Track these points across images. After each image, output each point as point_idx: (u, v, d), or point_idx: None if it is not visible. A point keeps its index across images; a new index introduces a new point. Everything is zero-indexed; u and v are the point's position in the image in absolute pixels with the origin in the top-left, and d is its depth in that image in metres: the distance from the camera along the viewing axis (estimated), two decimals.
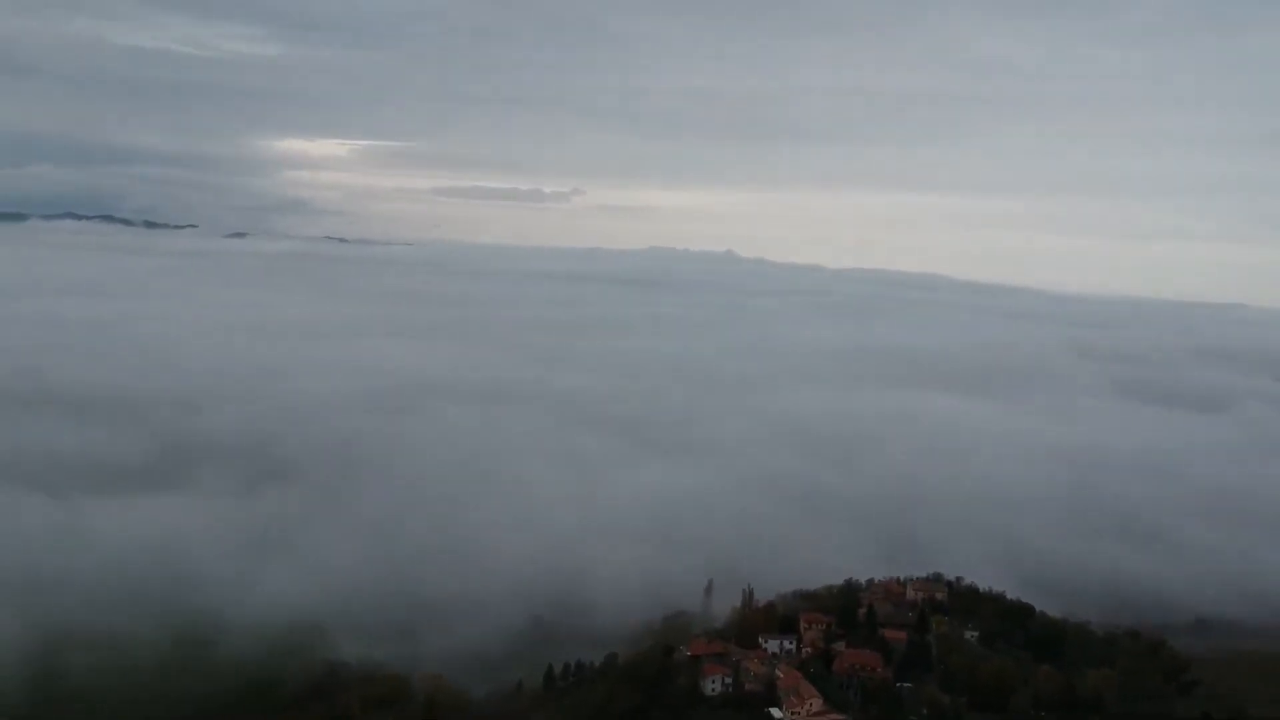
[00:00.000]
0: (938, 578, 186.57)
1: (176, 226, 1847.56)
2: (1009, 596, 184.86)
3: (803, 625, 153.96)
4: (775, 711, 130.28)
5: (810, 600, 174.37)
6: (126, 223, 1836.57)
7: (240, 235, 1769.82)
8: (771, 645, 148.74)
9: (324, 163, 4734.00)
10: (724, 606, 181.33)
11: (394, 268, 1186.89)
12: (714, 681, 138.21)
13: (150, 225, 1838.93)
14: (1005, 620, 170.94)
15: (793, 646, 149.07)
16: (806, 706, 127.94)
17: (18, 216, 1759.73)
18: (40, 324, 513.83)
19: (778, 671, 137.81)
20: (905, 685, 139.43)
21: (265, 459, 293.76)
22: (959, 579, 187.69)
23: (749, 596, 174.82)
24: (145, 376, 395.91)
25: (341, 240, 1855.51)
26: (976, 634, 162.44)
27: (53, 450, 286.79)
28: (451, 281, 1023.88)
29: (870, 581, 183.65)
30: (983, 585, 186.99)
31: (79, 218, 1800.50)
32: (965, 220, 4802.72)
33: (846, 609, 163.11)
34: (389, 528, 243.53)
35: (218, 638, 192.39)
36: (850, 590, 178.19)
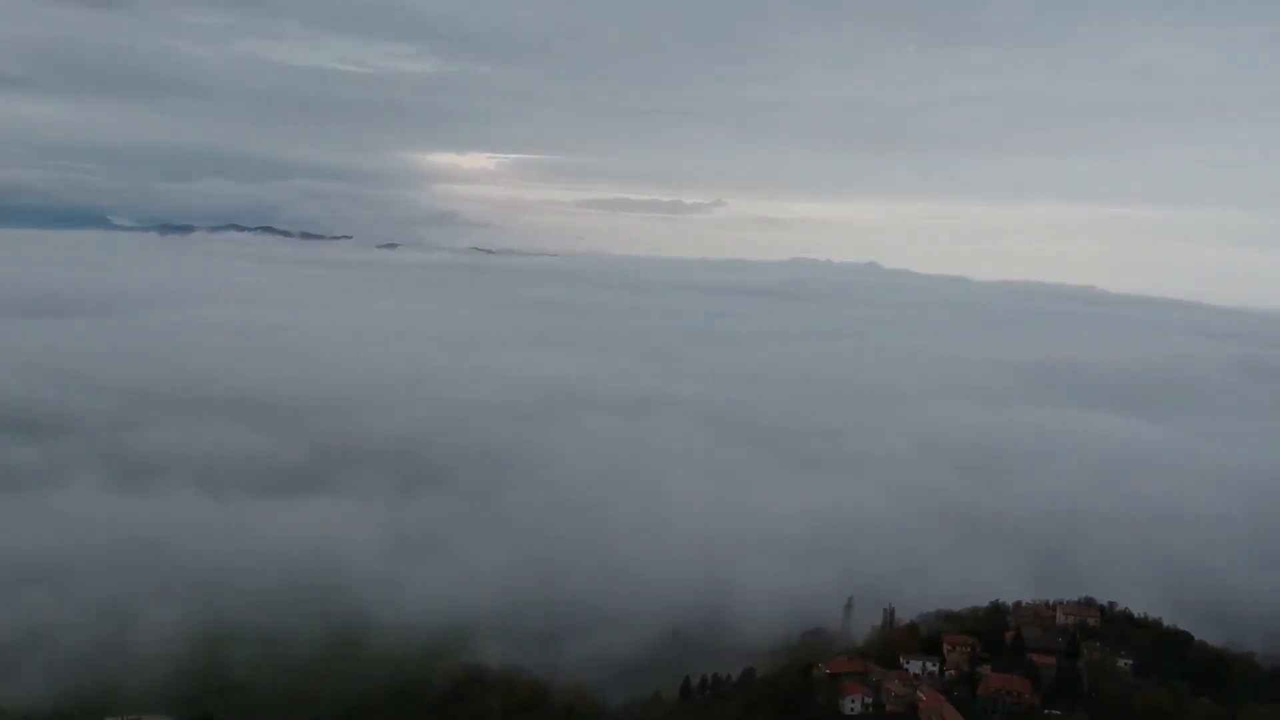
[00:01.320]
0: (1090, 602, 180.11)
1: (332, 238, 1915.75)
2: (1165, 623, 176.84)
3: (946, 647, 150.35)
4: None
5: (954, 621, 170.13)
6: (285, 234, 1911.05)
7: (392, 246, 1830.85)
8: (913, 666, 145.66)
9: (473, 176, 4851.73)
10: (864, 625, 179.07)
11: (539, 279, 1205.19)
12: (853, 701, 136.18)
13: (307, 236, 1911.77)
14: (1161, 648, 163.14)
15: (935, 668, 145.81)
16: None
17: (185, 228, 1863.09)
18: (204, 330, 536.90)
19: (920, 693, 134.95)
20: (1054, 713, 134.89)
21: (416, 464, 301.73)
22: (1112, 604, 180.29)
23: (890, 616, 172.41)
24: (302, 382, 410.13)
25: (488, 252, 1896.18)
26: (1130, 662, 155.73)
27: (216, 452, 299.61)
28: (595, 293, 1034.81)
29: (1018, 604, 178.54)
30: (1137, 611, 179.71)
31: (241, 229, 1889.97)
32: (1121, 231, 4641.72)
33: (992, 631, 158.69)
34: (534, 534, 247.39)
35: (368, 638, 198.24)
36: (997, 612, 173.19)
